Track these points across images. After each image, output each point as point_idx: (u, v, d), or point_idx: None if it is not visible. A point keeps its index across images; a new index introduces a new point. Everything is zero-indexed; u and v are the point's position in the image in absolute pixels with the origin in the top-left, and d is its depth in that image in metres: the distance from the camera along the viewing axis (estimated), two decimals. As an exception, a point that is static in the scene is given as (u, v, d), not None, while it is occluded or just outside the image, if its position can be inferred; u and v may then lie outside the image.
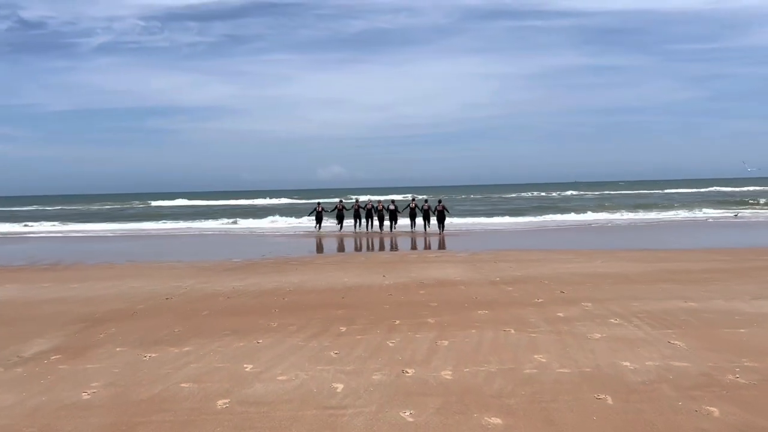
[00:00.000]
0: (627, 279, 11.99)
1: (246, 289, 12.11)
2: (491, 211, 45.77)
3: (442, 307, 9.52)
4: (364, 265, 15.81)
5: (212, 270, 15.94)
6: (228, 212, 55.11)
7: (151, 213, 57.65)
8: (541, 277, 12.64)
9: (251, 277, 14.04)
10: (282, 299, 10.80)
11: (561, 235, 26.36)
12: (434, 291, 11.17)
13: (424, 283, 12.17)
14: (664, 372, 5.77)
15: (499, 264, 15.14)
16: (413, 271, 14.31)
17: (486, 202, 67.83)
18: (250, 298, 11.04)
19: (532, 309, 9.10)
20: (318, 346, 7.19)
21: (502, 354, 6.56)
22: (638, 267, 13.78)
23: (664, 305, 9.05)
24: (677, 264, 14.12)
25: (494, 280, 12.40)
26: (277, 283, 12.79)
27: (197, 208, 67.80)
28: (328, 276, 13.79)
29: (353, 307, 9.72)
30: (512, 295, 10.42)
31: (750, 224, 29.59)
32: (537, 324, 8.02)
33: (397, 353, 6.76)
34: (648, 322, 7.91)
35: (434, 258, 17.16)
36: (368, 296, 10.83)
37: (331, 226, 30.92)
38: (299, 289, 11.86)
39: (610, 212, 40.40)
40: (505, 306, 9.43)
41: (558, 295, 10.27)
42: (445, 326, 8.05)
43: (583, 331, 7.49)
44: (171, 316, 9.52)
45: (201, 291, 12.13)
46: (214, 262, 17.95)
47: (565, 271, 13.44)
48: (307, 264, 16.47)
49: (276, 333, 8.03)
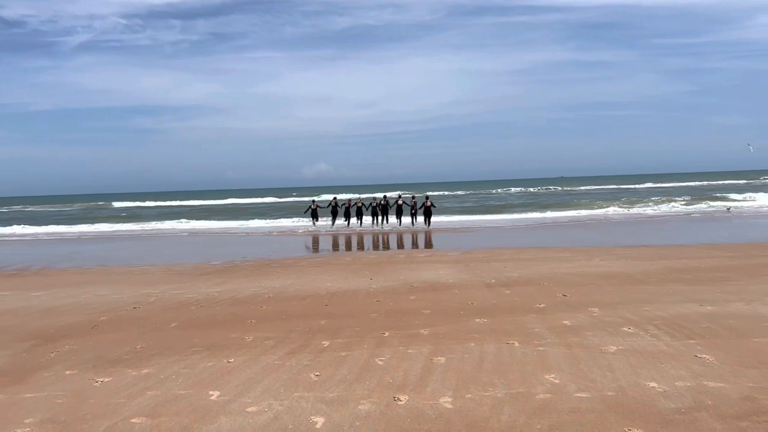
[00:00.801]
0: (632, 279, 11.19)
1: (221, 297, 11.16)
2: (477, 208, 45.05)
3: (436, 314, 8.64)
4: (349, 267, 14.91)
5: (188, 274, 14.96)
6: (212, 212, 53.93)
7: (136, 214, 56.30)
8: (539, 277, 11.81)
9: (229, 282, 13.08)
10: (260, 308, 9.86)
11: (552, 231, 25.61)
12: (426, 296, 10.30)
13: (415, 287, 11.30)
14: (699, 395, 4.93)
15: (493, 264, 14.30)
16: (402, 272, 13.43)
17: (472, 199, 67.13)
18: (225, 307, 10.10)
19: (535, 316, 8.26)
20: (296, 366, 6.28)
21: (508, 374, 5.70)
22: (640, 265, 13.00)
23: (679, 310, 8.24)
24: (681, 261, 13.37)
25: (489, 282, 11.55)
26: (256, 289, 11.85)
27: (177, 209, 66.47)
28: (311, 280, 12.86)
29: (337, 316, 8.82)
30: (511, 300, 9.57)
31: (741, 218, 29.07)
32: (542, 335, 7.17)
33: (387, 374, 5.87)
34: (666, 331, 7.09)
35: (424, 258, 16.29)
36: (354, 303, 9.93)
37: (328, 224, 30.36)
38: (279, 296, 10.93)
39: (598, 208, 39.79)
40: (504, 313, 8.58)
41: (560, 299, 9.44)
42: (441, 338, 7.17)
43: (595, 343, 6.65)
44: (135, 330, 8.56)
45: (173, 299, 11.16)
46: (192, 265, 16.96)
47: (564, 271, 12.63)
48: (289, 266, 15.53)
49: (250, 349, 7.11)
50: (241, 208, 62.13)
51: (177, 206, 72.14)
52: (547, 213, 37.38)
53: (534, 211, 39.05)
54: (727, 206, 33.58)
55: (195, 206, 70.05)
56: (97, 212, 63.80)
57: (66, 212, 66.52)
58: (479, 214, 38.87)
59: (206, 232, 32.06)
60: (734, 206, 33.27)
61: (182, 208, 64.82)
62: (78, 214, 58.46)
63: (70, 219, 48.51)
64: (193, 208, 66.18)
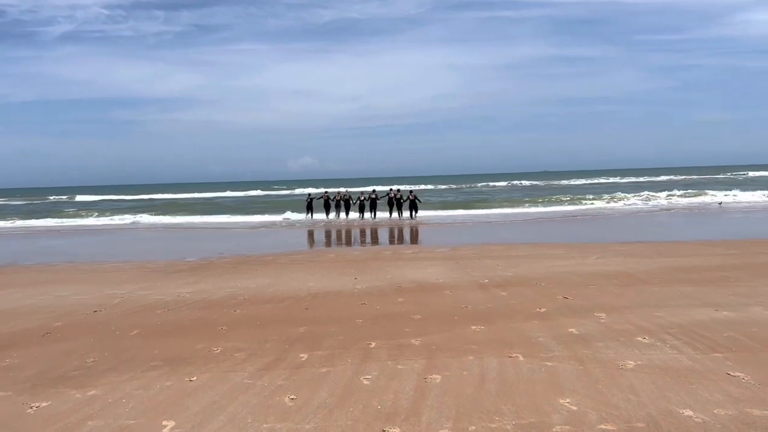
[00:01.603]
0: (634, 279, 10.46)
1: (192, 298, 10.24)
2: (461, 202, 44.28)
3: (428, 320, 7.81)
4: (333, 264, 14.03)
5: (161, 272, 14.00)
6: (191, 205, 52.67)
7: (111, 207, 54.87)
8: (536, 277, 11.04)
9: (203, 281, 12.16)
10: (233, 312, 8.96)
11: (540, 226, 24.94)
12: (415, 298, 9.47)
13: (403, 288, 10.46)
14: (746, 428, 4.15)
15: (485, 261, 13.52)
16: (389, 271, 12.58)
17: (455, 193, 66.46)
18: (195, 311, 9.18)
19: (537, 323, 7.46)
20: (269, 386, 5.41)
21: (515, 397, 4.88)
22: (641, 264, 12.29)
23: (693, 315, 7.50)
24: (682, 260, 12.68)
25: (483, 282, 10.75)
26: (231, 290, 10.94)
27: (149, 202, 65.06)
28: (290, 279, 11.97)
29: (318, 322, 7.95)
30: (508, 303, 8.77)
31: (733, 213, 28.64)
32: (549, 346, 6.37)
33: (375, 397, 5.02)
34: (686, 341, 6.33)
35: (411, 255, 15.46)
36: (337, 306, 9.07)
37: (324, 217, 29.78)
38: (255, 298, 10.03)
39: (584, 202, 39.22)
40: (502, 318, 7.77)
41: (562, 303, 8.65)
42: (434, 351, 6.34)
43: (610, 357, 5.86)
44: (91, 338, 7.62)
45: (139, 301, 10.22)
46: (166, 262, 15.99)
47: (561, 270, 11.88)
48: (269, 264, 14.62)
49: (217, 364, 6.22)
50: (221, 201, 60.91)
51: (150, 200, 70.63)
52: (532, 208, 36.79)
53: (519, 206, 38.45)
54: (719, 201, 33.13)
55: (174, 200, 68.57)
56: (65, 206, 62.19)
57: (34, 205, 64.79)
58: (463, 208, 38.15)
59: (183, 227, 30.99)
60: (725, 201, 32.78)
61: (158, 202, 63.41)
62: (47, 208, 56.81)
63: (37, 213, 46.98)
64: (171, 201, 64.74)
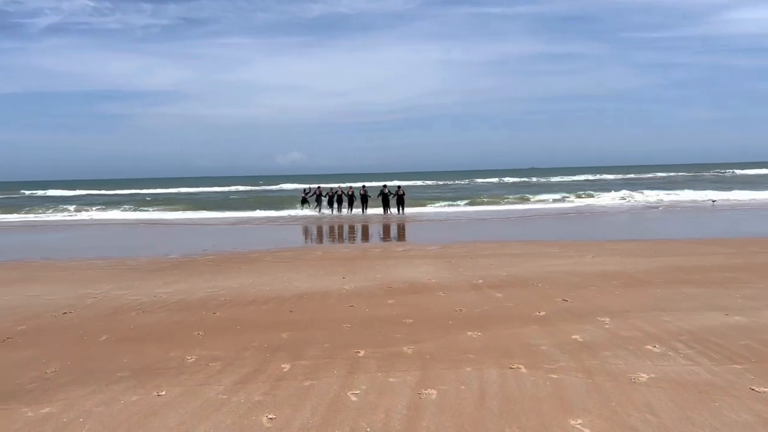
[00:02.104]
0: (635, 280, 10.01)
1: (170, 299, 9.65)
2: (451, 198, 43.80)
3: (420, 325, 7.29)
4: (320, 263, 13.48)
5: (140, 270, 13.38)
6: (176, 200, 51.82)
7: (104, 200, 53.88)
8: (532, 277, 10.57)
9: (183, 280, 11.56)
10: (212, 314, 8.39)
11: (532, 224, 24.54)
12: (407, 300, 8.95)
13: (393, 288, 9.94)
14: (784, 457, 3.67)
15: (478, 260, 13.03)
16: (378, 270, 12.06)
17: (444, 189, 66.05)
18: (171, 313, 8.60)
19: (537, 328, 6.96)
20: (246, 403, 4.86)
21: (520, 416, 4.37)
22: (639, 263, 11.85)
23: (703, 321, 7.04)
24: (681, 258, 12.26)
25: (477, 282, 10.25)
26: (212, 290, 10.36)
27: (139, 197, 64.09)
28: (275, 278, 11.41)
29: (303, 327, 7.41)
30: (505, 306, 8.27)
31: (726, 211, 28.42)
32: (552, 355, 5.88)
33: (363, 416, 4.50)
34: (700, 351, 5.86)
35: (401, 252, 14.94)
36: (323, 309, 8.53)
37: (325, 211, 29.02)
38: (237, 299, 9.46)
39: (574, 198, 38.86)
40: (500, 323, 7.27)
41: (562, 305, 8.17)
42: (428, 360, 5.82)
43: (621, 369, 5.37)
44: (55, 345, 7.02)
45: (113, 301, 9.62)
46: (147, 258, 15.36)
47: (557, 269, 11.41)
48: (253, 262, 14.04)
49: (190, 375, 5.66)
50: (207, 196, 60.09)
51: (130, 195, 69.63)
52: (520, 205, 36.43)
53: (509, 203, 38.06)
54: (711, 199, 32.88)
55: (160, 195, 67.61)
56: (37, 202, 61.11)
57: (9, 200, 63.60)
58: (452, 204, 37.72)
59: (167, 222, 30.28)
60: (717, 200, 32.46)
61: (138, 198, 62.46)
62: (20, 203, 55.68)
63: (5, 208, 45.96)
64: (157, 196, 63.79)
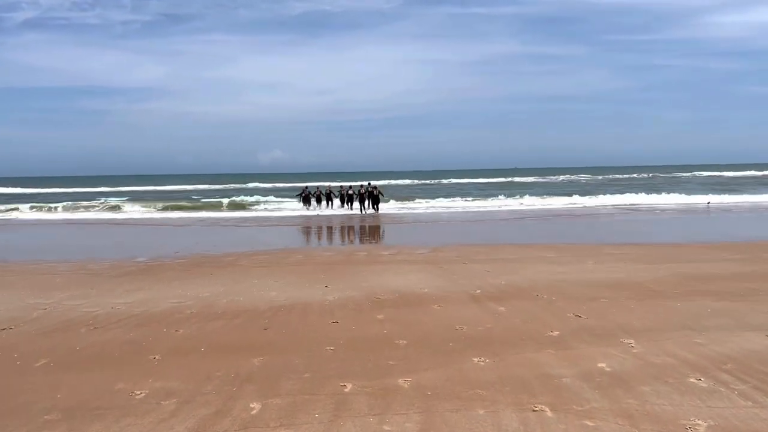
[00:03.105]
0: (648, 290, 9.07)
1: (130, 311, 8.49)
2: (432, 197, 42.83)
3: (416, 348, 6.25)
4: (300, 268, 12.37)
5: (102, 275, 12.17)
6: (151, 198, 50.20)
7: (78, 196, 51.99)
8: (533, 287, 9.59)
9: (147, 288, 10.40)
10: (174, 332, 7.26)
11: (522, 225, 23.64)
12: (398, 314, 7.89)
13: (382, 300, 8.88)
14: None
15: (471, 266, 12.03)
16: (364, 277, 10.99)
17: (425, 188, 65.00)
18: (127, 330, 7.45)
19: (553, 353, 5.96)
20: (201, 464, 3.77)
21: (559, 489, 3.34)
22: (646, 270, 10.94)
23: (743, 344, 6.09)
24: (690, 265, 11.37)
25: (474, 292, 9.24)
26: (178, 300, 9.21)
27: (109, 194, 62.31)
28: (250, 286, 10.29)
29: (279, 350, 6.32)
30: (511, 322, 7.26)
31: (721, 213, 27.82)
32: (580, 392, 4.86)
33: (354, 486, 3.43)
34: (755, 386, 4.89)
35: (388, 257, 13.88)
36: (303, 325, 7.44)
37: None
38: (205, 312, 8.33)
39: (557, 198, 38.03)
40: (509, 346, 6.25)
41: (575, 322, 7.19)
42: (431, 399, 4.77)
43: (669, 413, 4.38)
44: (-20, 372, 5.86)
45: (64, 314, 8.44)
46: (113, 261, 14.12)
47: (559, 278, 10.46)
48: (227, 266, 12.88)
49: (137, 418, 4.56)
50: (186, 195, 58.48)
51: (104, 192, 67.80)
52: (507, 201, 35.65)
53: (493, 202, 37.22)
54: (706, 201, 32.22)
55: (137, 192, 65.83)
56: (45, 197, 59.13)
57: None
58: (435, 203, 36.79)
59: (140, 222, 28.89)
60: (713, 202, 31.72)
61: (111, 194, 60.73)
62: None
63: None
64: (135, 193, 62.04)
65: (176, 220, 28.35)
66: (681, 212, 27.56)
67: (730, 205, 31.17)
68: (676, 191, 40.91)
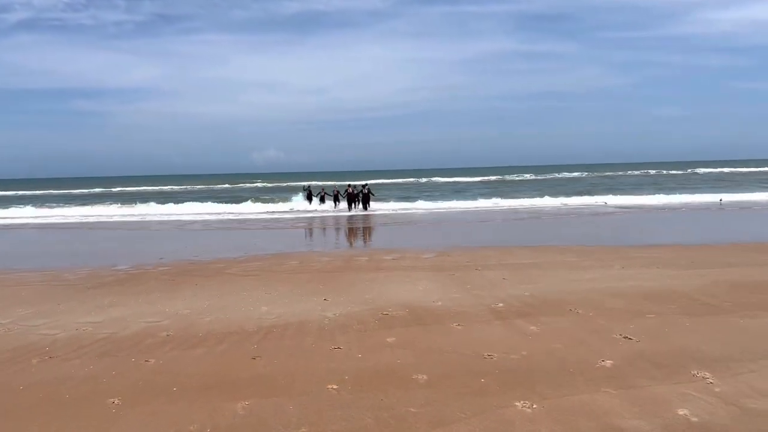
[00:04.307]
0: (700, 303, 7.86)
1: (96, 334, 7.23)
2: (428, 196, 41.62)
3: (439, 387, 5.01)
4: (295, 277, 11.12)
5: (75, 287, 10.91)
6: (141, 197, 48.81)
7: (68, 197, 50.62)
8: (563, 299, 8.36)
9: (122, 303, 9.14)
10: (143, 362, 6.01)
11: (529, 225, 22.45)
12: (411, 336, 6.65)
13: (391, 316, 7.65)
14: None
15: (485, 273, 10.81)
16: (367, 287, 9.75)
17: (422, 187, 63.77)
18: (88, 360, 6.19)
19: (615, 393, 4.73)
20: None
21: None
22: (685, 277, 9.74)
23: None
24: (736, 271, 10.18)
25: (496, 307, 8.01)
26: (154, 319, 7.95)
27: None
28: (239, 300, 9.04)
29: (269, 389, 5.08)
30: (548, 347, 6.03)
31: (735, 211, 26.71)
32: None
33: None
34: None
35: (392, 262, 12.63)
36: (299, 352, 6.20)
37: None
38: (183, 335, 7.08)
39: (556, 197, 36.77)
40: (555, 383, 5.02)
41: (628, 347, 5.96)
42: (472, 471, 3.54)
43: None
44: None
45: (19, 338, 7.18)
46: (89, 270, 12.83)
47: (589, 286, 9.25)
48: (215, 275, 11.61)
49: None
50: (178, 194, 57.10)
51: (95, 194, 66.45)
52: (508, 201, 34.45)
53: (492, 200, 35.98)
54: (719, 198, 31.02)
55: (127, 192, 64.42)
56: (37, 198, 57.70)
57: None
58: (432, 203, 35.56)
59: (128, 226, 27.56)
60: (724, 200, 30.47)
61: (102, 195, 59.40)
62: None
63: None
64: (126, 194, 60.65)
65: (158, 224, 27.05)
66: (694, 211, 26.41)
67: (743, 202, 29.99)
68: (679, 190, 39.77)
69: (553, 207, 30.79)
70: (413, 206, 32.88)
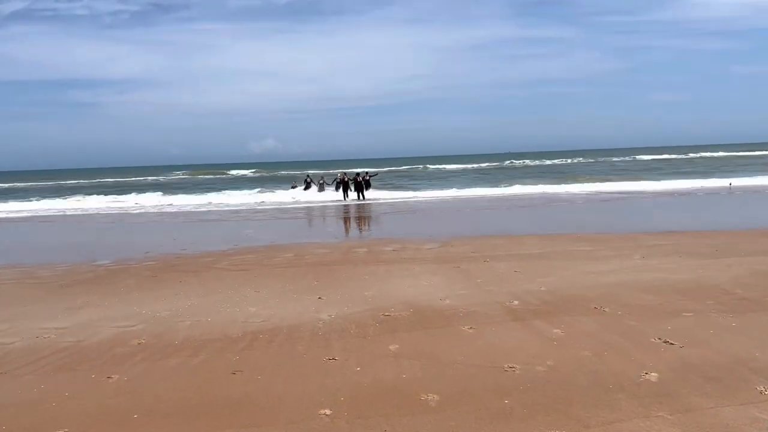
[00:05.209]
0: (738, 298, 7.00)
1: (58, 343, 6.37)
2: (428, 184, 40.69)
3: (455, 411, 4.15)
4: (288, 271, 10.24)
5: (47, 285, 10.05)
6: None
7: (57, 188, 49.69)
8: (584, 295, 7.50)
9: (95, 303, 8.27)
10: (106, 380, 5.14)
11: (533, 212, 21.60)
12: (417, 343, 5.79)
13: (392, 318, 6.78)
14: None
15: (495, 265, 9.95)
16: (366, 282, 8.89)
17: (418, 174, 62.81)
18: (41, 376, 5.32)
19: (669, 418, 3.88)
20: None
21: None
22: (714, 268, 8.88)
23: None
24: (762, 260, 9.34)
25: (511, 305, 7.15)
26: (127, 323, 7.08)
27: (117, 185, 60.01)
28: (224, 299, 8.17)
29: (248, 417, 4.22)
30: (578, 356, 5.16)
31: (745, 195, 25.85)
32: None
33: None
34: None
35: (393, 254, 11.74)
36: (288, 364, 5.33)
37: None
38: (157, 342, 6.21)
39: (558, 183, 35.83)
40: (593, 403, 4.16)
41: (670, 354, 5.10)
42: None
43: None
44: None
45: (-31, 349, 6.29)
46: (67, 266, 11.94)
47: (610, 279, 8.40)
48: (203, 269, 10.74)
49: None
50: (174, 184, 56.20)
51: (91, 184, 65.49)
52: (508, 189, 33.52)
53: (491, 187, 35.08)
54: (729, 182, 30.13)
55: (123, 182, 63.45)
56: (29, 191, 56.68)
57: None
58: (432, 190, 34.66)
59: (117, 217, 26.67)
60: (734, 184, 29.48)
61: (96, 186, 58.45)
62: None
63: None
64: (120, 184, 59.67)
65: (149, 216, 26.15)
66: (705, 195, 25.55)
67: (753, 186, 29.06)
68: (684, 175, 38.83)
69: (570, 194, 29.89)
70: (413, 195, 31.98)
